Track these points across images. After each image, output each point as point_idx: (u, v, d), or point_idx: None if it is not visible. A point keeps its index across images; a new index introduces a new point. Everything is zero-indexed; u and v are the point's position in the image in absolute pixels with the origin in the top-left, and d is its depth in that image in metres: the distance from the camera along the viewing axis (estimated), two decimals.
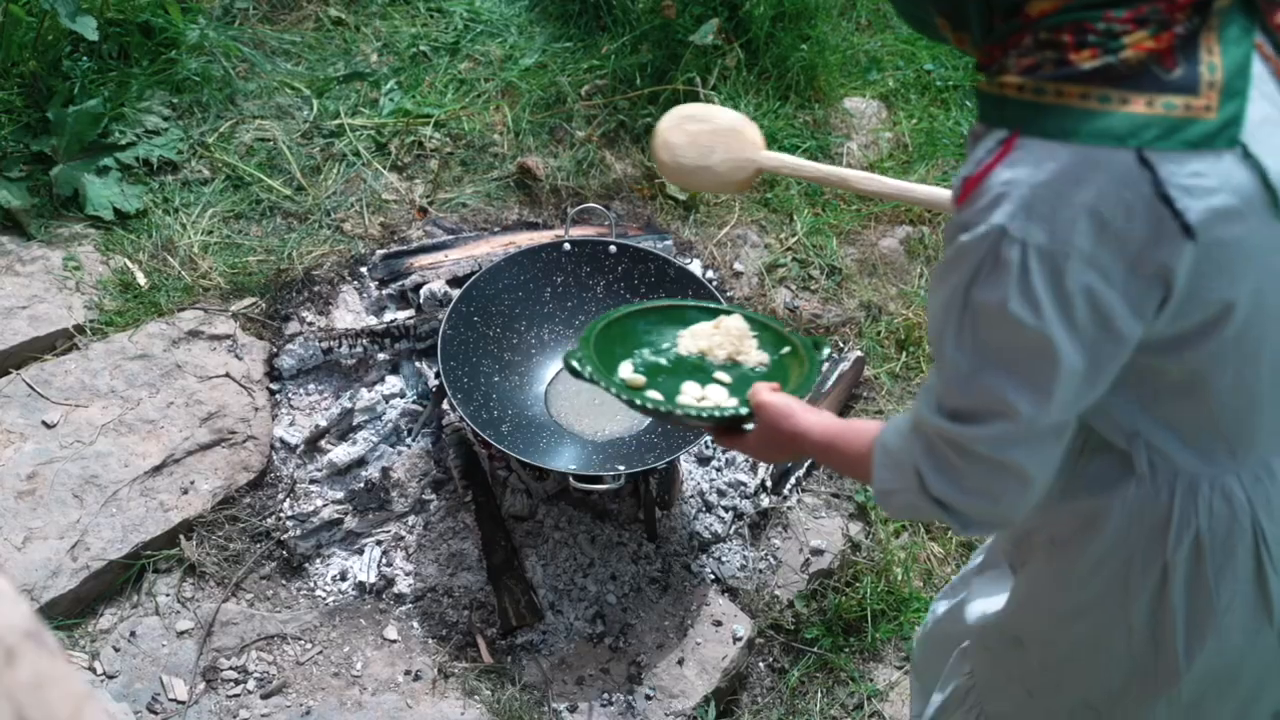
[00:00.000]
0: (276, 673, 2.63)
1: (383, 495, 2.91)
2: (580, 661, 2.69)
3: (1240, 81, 1.23)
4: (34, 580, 2.62)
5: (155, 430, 2.93)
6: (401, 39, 4.04)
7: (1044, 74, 1.25)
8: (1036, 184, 1.22)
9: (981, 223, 1.25)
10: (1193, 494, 1.45)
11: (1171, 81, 1.21)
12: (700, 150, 2.31)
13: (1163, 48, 1.21)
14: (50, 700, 0.73)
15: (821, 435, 1.71)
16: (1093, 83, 1.22)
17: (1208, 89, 1.21)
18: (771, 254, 3.58)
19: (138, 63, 3.71)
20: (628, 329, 2.21)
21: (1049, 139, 1.23)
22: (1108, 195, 1.20)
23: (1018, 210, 1.22)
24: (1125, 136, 1.20)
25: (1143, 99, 1.21)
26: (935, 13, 1.38)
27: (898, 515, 1.58)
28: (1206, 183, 1.21)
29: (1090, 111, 1.22)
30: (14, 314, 3.10)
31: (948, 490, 1.41)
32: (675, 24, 3.85)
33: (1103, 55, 1.21)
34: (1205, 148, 1.20)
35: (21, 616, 0.75)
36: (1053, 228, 1.21)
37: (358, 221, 3.50)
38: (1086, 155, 1.21)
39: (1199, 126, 1.21)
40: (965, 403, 1.36)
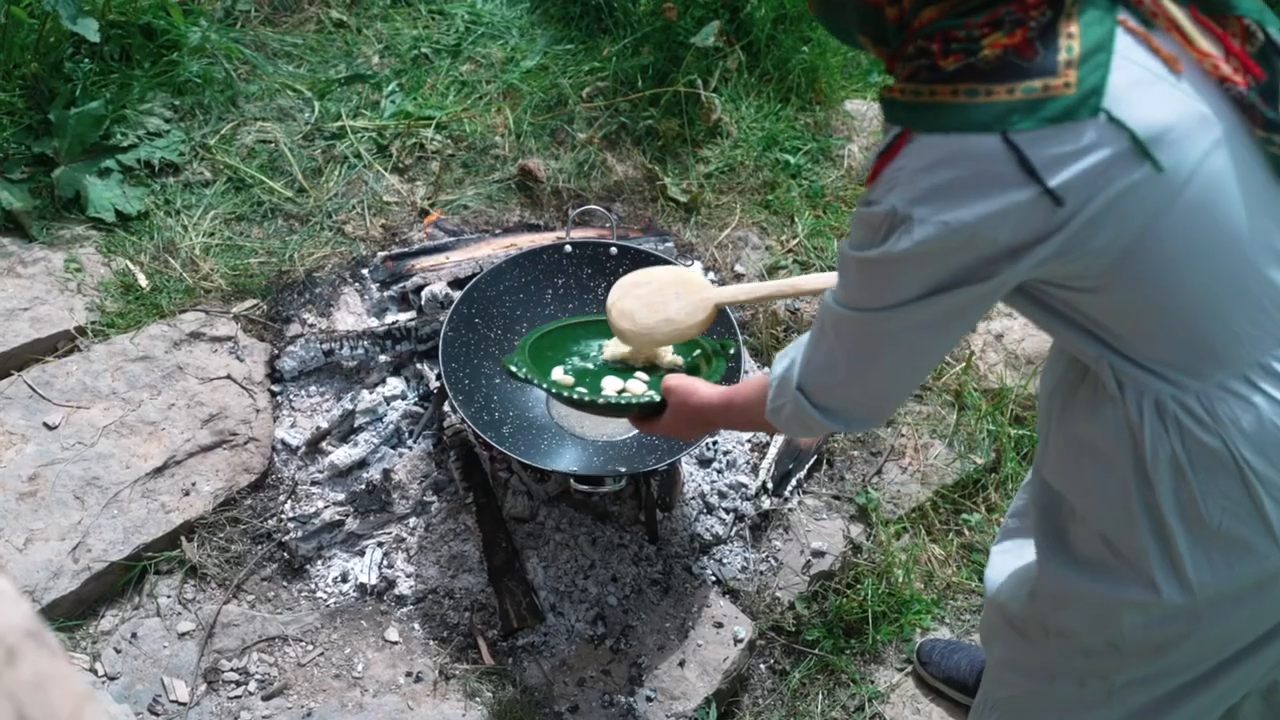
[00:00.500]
0: (278, 674, 2.63)
1: (384, 497, 2.91)
2: (581, 663, 2.69)
3: (1101, 55, 1.37)
4: (35, 581, 2.62)
5: (156, 432, 2.93)
6: (403, 41, 4.04)
7: (920, 79, 1.42)
8: (920, 170, 1.40)
9: (880, 202, 1.45)
10: (1159, 412, 1.55)
11: (1030, 68, 1.37)
12: (655, 308, 2.44)
13: (1017, 42, 1.37)
14: (51, 700, 0.73)
15: (719, 398, 2.04)
16: (959, 80, 1.39)
17: (1065, 68, 1.36)
18: (773, 256, 3.58)
19: (139, 65, 3.72)
20: (560, 340, 2.61)
21: (929, 133, 1.40)
22: (982, 175, 1.37)
23: (906, 193, 1.41)
24: (991, 123, 1.36)
25: (1004, 88, 1.37)
26: (859, 32, 1.56)
27: (788, 428, 1.79)
28: (1070, 149, 1.35)
29: (960, 105, 1.38)
30: (15, 315, 3.10)
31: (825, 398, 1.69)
32: (676, 26, 3.85)
33: (965, 58, 1.39)
34: (1068, 120, 1.35)
35: (23, 616, 0.75)
36: (935, 206, 1.40)
37: (359, 223, 3.50)
38: (960, 143, 1.38)
39: (1059, 103, 1.35)
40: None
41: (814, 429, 1.74)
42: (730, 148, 3.82)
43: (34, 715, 0.71)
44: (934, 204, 1.40)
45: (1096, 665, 1.81)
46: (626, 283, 2.49)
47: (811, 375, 1.69)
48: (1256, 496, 1.55)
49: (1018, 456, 3.14)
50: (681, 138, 3.81)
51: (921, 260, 1.44)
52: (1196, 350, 1.51)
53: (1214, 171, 1.41)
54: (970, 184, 1.38)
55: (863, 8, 1.51)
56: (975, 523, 3.04)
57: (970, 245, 1.41)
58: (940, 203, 1.39)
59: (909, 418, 3.22)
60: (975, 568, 2.98)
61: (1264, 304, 1.50)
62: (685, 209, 3.67)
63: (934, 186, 1.40)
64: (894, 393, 1.67)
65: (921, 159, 1.40)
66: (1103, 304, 1.50)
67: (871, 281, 1.52)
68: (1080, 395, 1.66)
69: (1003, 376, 3.33)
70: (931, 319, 1.51)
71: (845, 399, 1.68)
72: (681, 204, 3.67)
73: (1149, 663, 1.76)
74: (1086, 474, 1.68)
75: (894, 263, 1.45)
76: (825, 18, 1.62)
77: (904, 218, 1.42)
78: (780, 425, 1.79)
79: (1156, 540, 1.61)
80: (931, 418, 3.25)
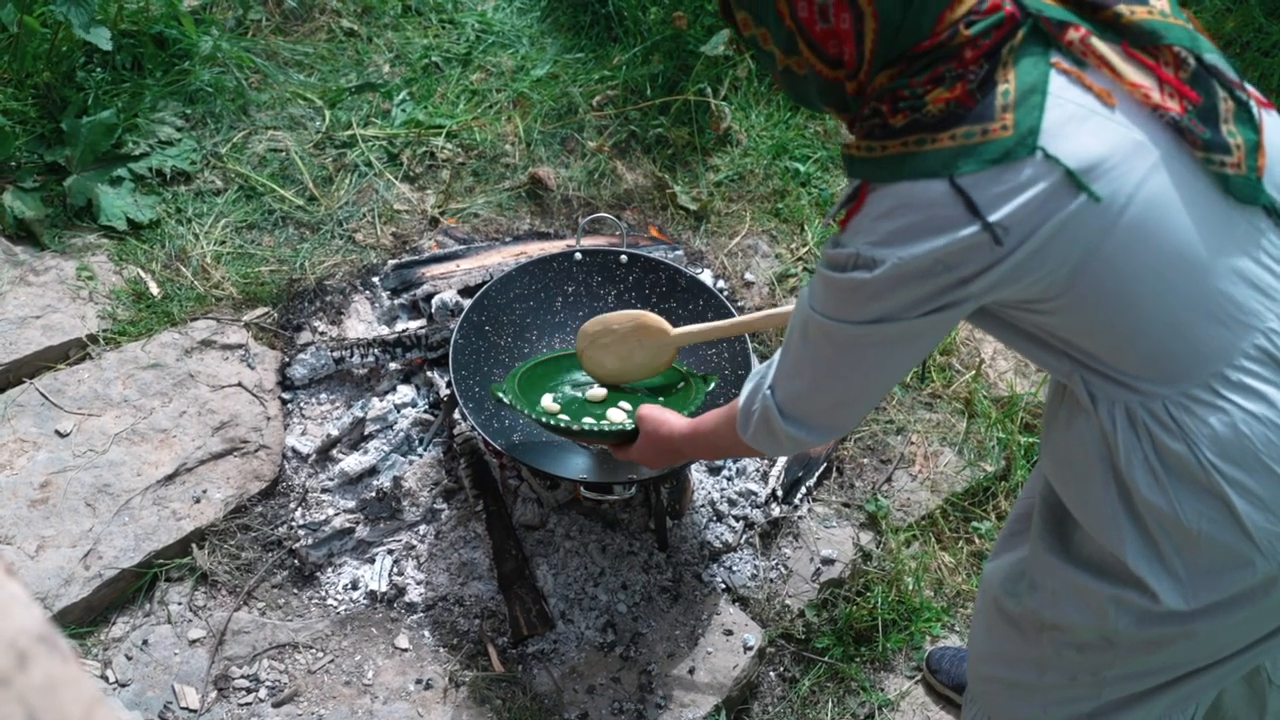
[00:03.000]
0: (288, 681, 2.64)
1: (394, 504, 2.91)
2: (591, 670, 2.69)
3: (1035, 97, 1.47)
4: (47, 588, 2.63)
5: (168, 439, 2.94)
6: (413, 50, 4.05)
7: (874, 136, 1.53)
8: (879, 216, 1.51)
9: (847, 245, 1.55)
10: (1130, 420, 1.61)
11: (970, 115, 1.47)
12: (622, 357, 2.76)
13: (958, 95, 1.47)
14: (62, 703, 0.73)
15: (686, 428, 2.20)
16: (910, 133, 1.50)
17: (1001, 112, 1.46)
18: (783, 264, 3.58)
19: (151, 74, 3.73)
20: (554, 368, 2.81)
21: (884, 183, 1.51)
22: (932, 218, 1.47)
23: (868, 237, 1.52)
24: (938, 169, 1.47)
25: (946, 135, 1.47)
26: (823, 104, 1.67)
27: (755, 439, 1.87)
28: (1008, 186, 1.45)
29: (910, 154, 1.49)
30: (28, 323, 3.11)
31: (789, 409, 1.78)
32: (686, 35, 3.85)
33: (911, 114, 1.50)
34: (1007, 160, 1.44)
35: (34, 620, 0.76)
36: (892, 249, 1.50)
37: (369, 231, 3.51)
38: (911, 189, 1.48)
39: (997, 145, 1.45)
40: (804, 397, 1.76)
41: (780, 440, 1.82)
42: (740, 156, 3.82)
43: (45, 718, 0.71)
44: (892, 247, 1.50)
45: (1089, 660, 1.84)
46: (589, 332, 2.77)
47: (782, 380, 1.78)
48: (1228, 501, 1.59)
49: (1027, 464, 3.13)
50: (691, 146, 3.81)
51: (881, 291, 1.54)
52: (1159, 362, 1.57)
53: (1153, 194, 1.49)
54: (922, 226, 1.48)
55: (822, 84, 1.61)
56: (985, 530, 3.04)
57: (925, 277, 1.51)
58: (897, 245, 1.49)
59: (919, 425, 3.22)
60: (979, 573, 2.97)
61: (1221, 316, 1.55)
62: (695, 217, 3.67)
63: (892, 231, 1.50)
64: (855, 405, 1.75)
65: (880, 206, 1.51)
66: (1063, 323, 1.58)
67: (838, 297, 1.60)
68: (1062, 407, 1.74)
69: (1012, 384, 3.32)
70: (892, 337, 1.60)
71: (810, 407, 1.76)
72: (691, 212, 3.67)
73: (1141, 659, 1.79)
74: (1072, 484, 1.74)
75: (857, 289, 1.55)
76: (791, 93, 1.71)
77: (867, 259, 1.52)
78: (749, 436, 1.87)
79: (1145, 547, 1.66)
80: (941, 425, 3.24)
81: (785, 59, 1.63)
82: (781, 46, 1.62)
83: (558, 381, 2.80)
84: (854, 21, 1.51)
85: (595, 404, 2.74)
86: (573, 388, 2.79)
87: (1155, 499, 1.62)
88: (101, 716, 0.75)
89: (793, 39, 1.59)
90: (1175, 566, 1.65)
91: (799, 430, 1.78)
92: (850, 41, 1.53)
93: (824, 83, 1.61)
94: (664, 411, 2.30)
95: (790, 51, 1.61)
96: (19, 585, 0.78)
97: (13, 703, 0.70)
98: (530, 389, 2.72)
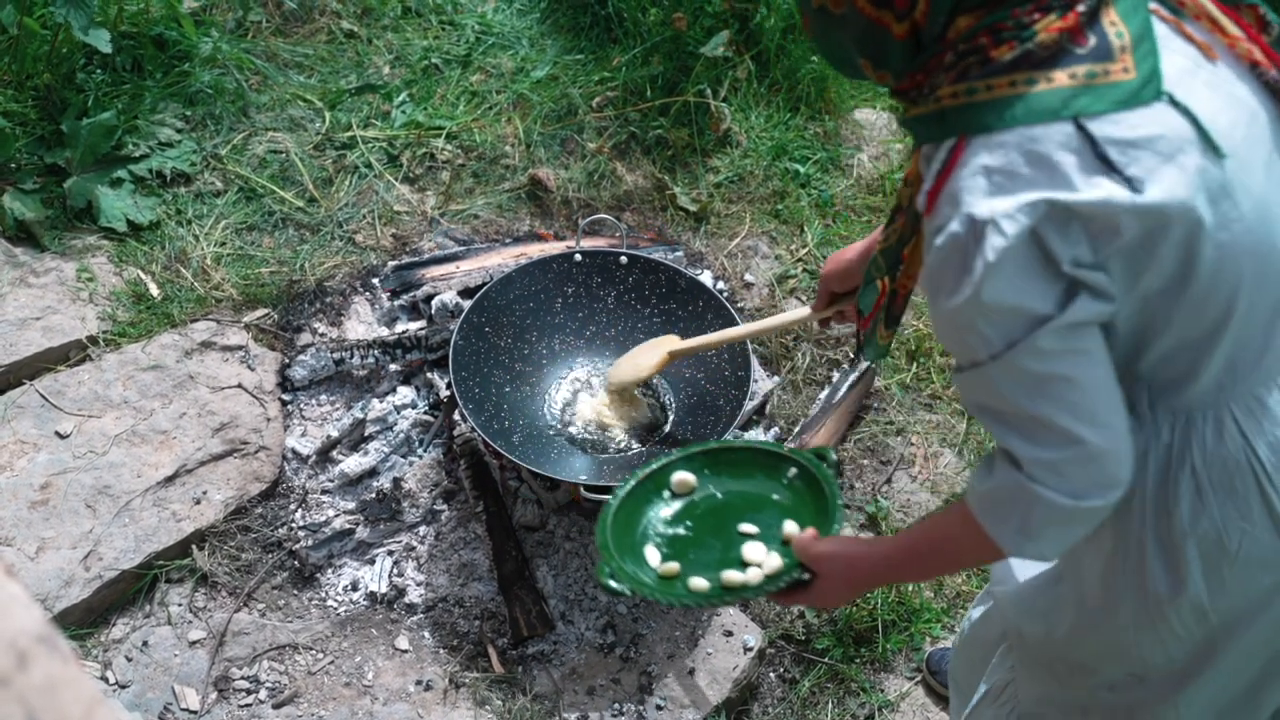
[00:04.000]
0: (288, 682, 2.64)
1: (394, 505, 2.91)
2: (591, 671, 2.69)
3: (1148, 43, 1.34)
4: (47, 590, 2.63)
5: (168, 440, 2.94)
6: (413, 51, 4.05)
7: (973, 76, 1.36)
8: (987, 169, 1.33)
9: (953, 219, 1.35)
10: (1188, 429, 1.51)
11: (1087, 53, 1.33)
12: (634, 358, 2.85)
13: (1071, 25, 1.33)
14: (62, 703, 0.73)
15: (898, 548, 1.72)
16: (1018, 70, 1.33)
17: (1120, 53, 1.33)
18: (782, 265, 3.58)
19: (151, 75, 3.73)
20: (630, 510, 2.11)
21: (992, 131, 1.34)
22: (1056, 164, 1.31)
23: (982, 197, 1.33)
24: (1059, 109, 1.31)
25: (1065, 73, 1.33)
26: (858, 55, 1.48)
27: (1012, 535, 1.50)
28: (1140, 134, 1.31)
29: (1020, 95, 1.33)
30: (28, 325, 3.11)
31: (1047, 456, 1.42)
32: (686, 36, 3.86)
33: (1019, 45, 1.33)
34: (1133, 104, 1.31)
35: (34, 621, 0.76)
36: (1016, 201, 1.31)
37: (369, 233, 3.51)
38: (1027, 134, 1.32)
39: (1123, 86, 1.32)
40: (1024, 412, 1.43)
41: (1040, 517, 1.46)
42: (740, 157, 3.83)
43: (45, 718, 0.71)
44: (1012, 195, 1.31)
45: (1123, 698, 1.75)
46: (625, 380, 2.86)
47: (1016, 443, 1.44)
48: (1274, 510, 1.51)
49: None
50: (691, 147, 3.81)
51: (1019, 260, 1.32)
52: (1233, 363, 1.47)
53: (1263, 160, 1.39)
54: (1046, 173, 1.30)
55: (864, 26, 1.43)
56: None
57: (1060, 235, 1.31)
58: (1019, 193, 1.31)
59: (919, 426, 3.22)
60: (984, 577, 2.97)
61: None
62: (695, 218, 3.67)
63: (1007, 177, 1.32)
64: (1103, 413, 1.42)
65: (988, 158, 1.33)
66: (1151, 318, 1.42)
67: (989, 316, 1.36)
68: None
69: None
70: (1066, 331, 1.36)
71: (1063, 451, 1.41)
72: (691, 213, 3.68)
73: (1177, 690, 1.70)
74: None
75: (996, 277, 1.33)
76: (822, 43, 1.55)
77: (983, 223, 1.32)
78: (1002, 531, 1.50)
79: (1167, 573, 1.58)
80: (941, 426, 3.24)
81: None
82: None
83: (642, 523, 2.09)
84: None
85: (710, 534, 2.05)
86: (665, 524, 2.09)
87: (1199, 518, 1.53)
88: (101, 717, 0.76)
89: None
90: (1198, 592, 1.57)
91: (1064, 488, 1.42)
92: None
93: (865, 24, 1.42)
94: (845, 542, 1.79)
95: None
96: (19, 586, 0.79)
97: (13, 703, 0.70)
98: (621, 548, 2.03)
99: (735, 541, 1.99)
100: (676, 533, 2.07)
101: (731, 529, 2.02)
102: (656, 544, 2.05)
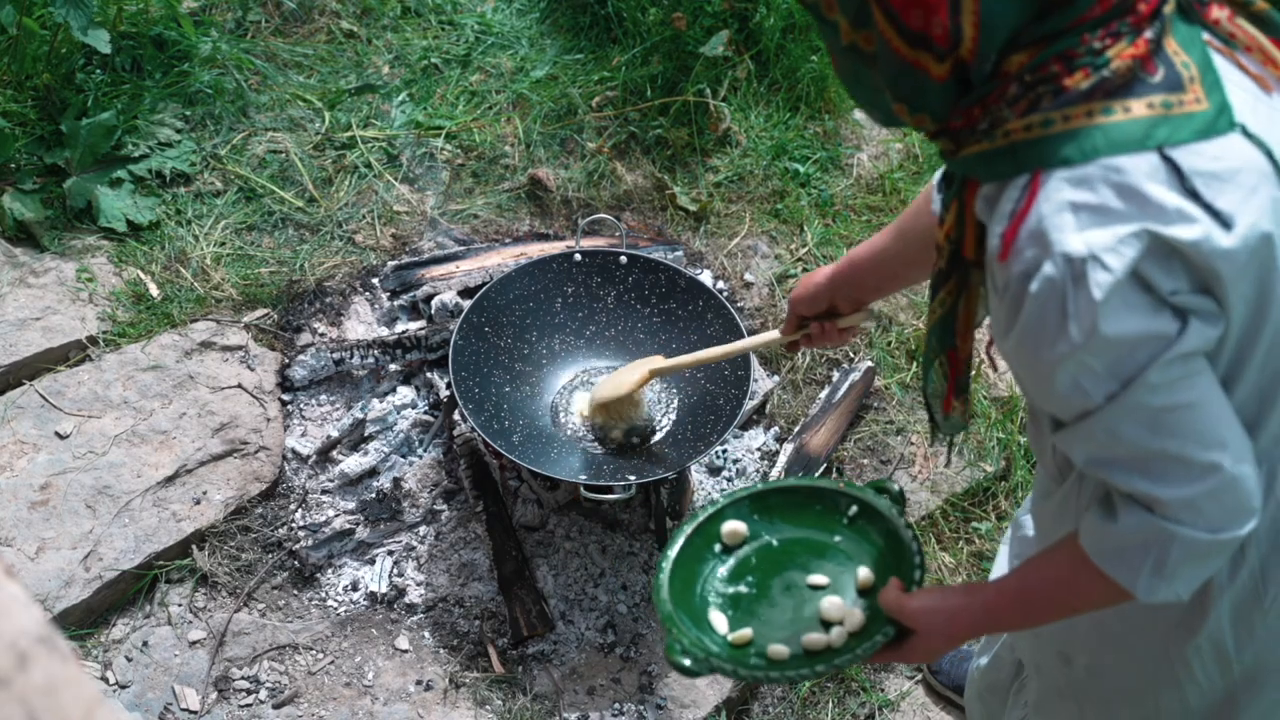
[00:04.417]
0: (288, 683, 2.64)
1: (394, 505, 2.91)
2: (591, 671, 2.69)
3: (1211, 74, 1.31)
4: (47, 590, 2.63)
5: (168, 441, 2.94)
6: (413, 51, 4.05)
7: (1046, 107, 1.29)
8: (1079, 203, 1.26)
9: (1044, 263, 1.27)
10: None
11: (1160, 83, 1.29)
12: (617, 376, 2.79)
13: (1142, 53, 1.28)
14: (62, 704, 0.73)
15: (1001, 599, 1.62)
16: (1094, 98, 1.28)
17: (1190, 83, 1.29)
18: (782, 264, 3.58)
19: (150, 75, 3.73)
20: (684, 571, 1.88)
21: (1073, 164, 1.27)
22: (1146, 197, 1.25)
23: (1073, 233, 1.26)
24: (1143, 139, 1.26)
25: (1141, 103, 1.28)
26: (892, 99, 1.39)
27: (1175, 575, 1.39)
28: (1229, 164, 1.27)
29: (1100, 125, 1.27)
30: (27, 325, 3.11)
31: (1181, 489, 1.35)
32: (686, 35, 3.85)
33: (1094, 72, 1.27)
34: (1211, 134, 1.27)
35: (34, 622, 0.76)
36: (1115, 234, 1.25)
37: (369, 233, 3.51)
38: (1112, 164, 1.26)
39: (1199, 117, 1.28)
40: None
41: (1177, 556, 1.38)
42: (739, 157, 3.82)
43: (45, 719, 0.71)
44: (1108, 227, 1.25)
45: None
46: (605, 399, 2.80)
47: (1152, 487, 1.36)
48: None
49: (1027, 465, 3.13)
50: (691, 147, 3.81)
51: (1125, 294, 1.26)
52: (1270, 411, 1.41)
53: None
54: (1138, 205, 1.25)
55: (898, 67, 1.34)
56: (985, 531, 3.04)
57: (1163, 268, 1.26)
58: (1114, 225, 1.25)
59: (919, 425, 3.22)
60: (985, 575, 2.97)
61: None
62: (695, 218, 3.67)
63: (1097, 211, 1.26)
64: (1229, 434, 1.35)
65: (1071, 192, 1.27)
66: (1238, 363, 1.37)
67: (1103, 356, 1.30)
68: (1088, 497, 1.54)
69: (1012, 384, 3.32)
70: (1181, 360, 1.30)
71: (1201, 484, 1.34)
72: (691, 213, 3.68)
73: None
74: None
75: (1107, 314, 1.26)
76: (851, 83, 1.46)
77: (1082, 259, 1.25)
78: (1134, 578, 1.41)
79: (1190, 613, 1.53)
80: None
81: (852, 33, 1.36)
82: (849, 16, 1.35)
83: (699, 581, 1.87)
84: None
85: (780, 592, 1.85)
86: (724, 582, 1.88)
87: (1238, 570, 1.49)
88: (101, 718, 0.75)
89: (865, 7, 1.32)
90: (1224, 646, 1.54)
91: (1201, 523, 1.36)
92: (943, 10, 1.26)
93: (900, 64, 1.33)
94: (941, 595, 1.65)
95: (860, 24, 1.34)
96: (19, 587, 0.79)
97: (13, 704, 0.70)
98: (685, 616, 1.80)
99: (806, 596, 1.81)
100: (739, 591, 1.85)
101: (798, 581, 1.84)
102: (719, 605, 1.84)
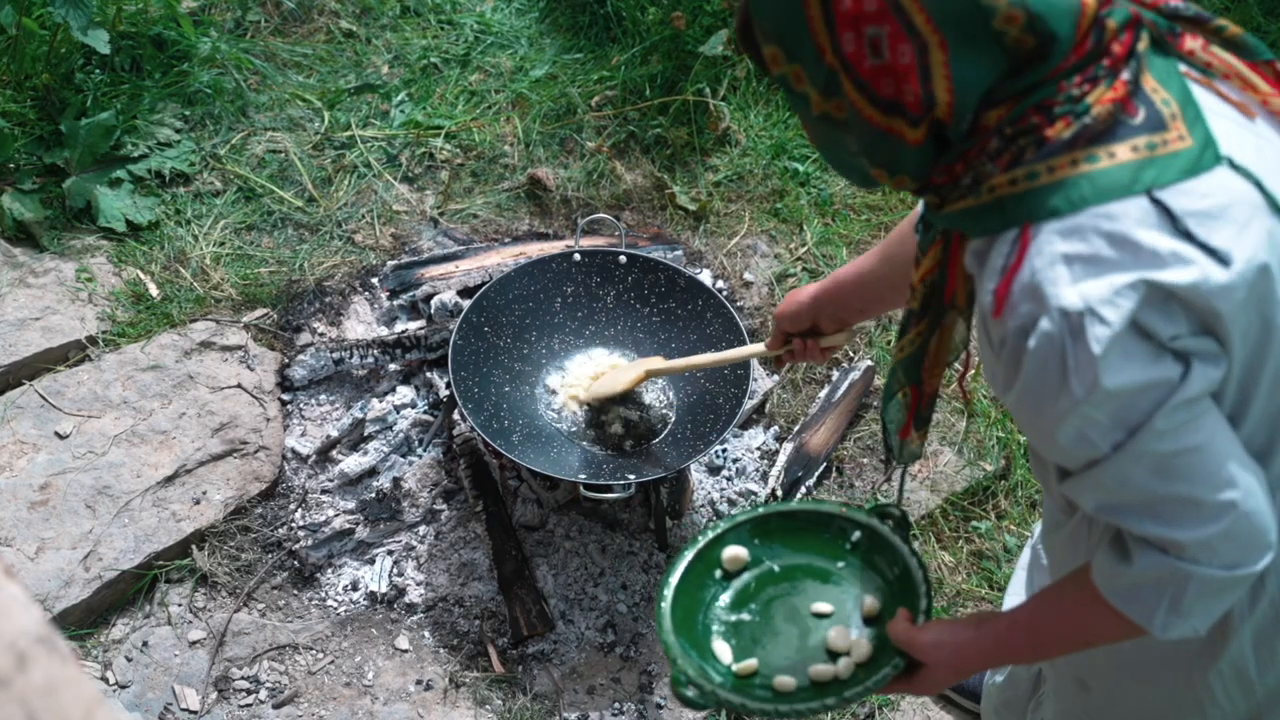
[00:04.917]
0: (288, 682, 2.64)
1: (394, 505, 2.91)
2: (591, 671, 2.69)
3: (1192, 107, 1.29)
4: (47, 590, 2.63)
5: (167, 441, 2.94)
6: (412, 51, 4.05)
7: (1029, 159, 1.27)
8: (1071, 255, 1.25)
9: (1040, 319, 1.26)
10: None
11: (1142, 124, 1.27)
12: (615, 373, 2.91)
13: (1122, 95, 1.26)
14: (62, 704, 0.73)
15: (1012, 633, 1.59)
16: (1077, 147, 1.26)
17: (1172, 120, 1.27)
18: (781, 264, 3.58)
19: (150, 75, 3.73)
20: (686, 599, 1.84)
21: (1062, 215, 1.26)
22: (1140, 243, 1.23)
23: (1067, 286, 1.24)
24: (1130, 184, 1.24)
25: (1125, 146, 1.26)
26: (870, 165, 1.38)
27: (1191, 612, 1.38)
28: (1219, 200, 1.25)
29: (1085, 174, 1.26)
30: (27, 325, 3.11)
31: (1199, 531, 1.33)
32: (685, 35, 3.85)
33: (1075, 120, 1.26)
34: (1198, 171, 1.25)
35: (34, 622, 0.76)
36: (1110, 284, 1.23)
37: (369, 232, 3.51)
38: (1102, 212, 1.24)
39: (1184, 155, 1.26)
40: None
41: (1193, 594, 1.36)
42: (739, 156, 3.82)
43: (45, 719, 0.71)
44: (1102, 278, 1.23)
45: None
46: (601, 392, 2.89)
47: (1166, 530, 1.34)
48: None
49: (1027, 464, 3.13)
50: (690, 146, 3.81)
51: (1124, 345, 1.25)
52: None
53: None
54: (1131, 253, 1.23)
55: (872, 135, 1.33)
56: (985, 530, 3.04)
57: (1162, 315, 1.25)
58: (1108, 275, 1.23)
59: None
60: (985, 575, 2.97)
61: None
62: (694, 217, 3.67)
63: (1090, 262, 1.24)
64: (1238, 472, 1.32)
65: (1063, 244, 1.25)
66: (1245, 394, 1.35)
67: (1106, 406, 1.28)
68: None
69: None
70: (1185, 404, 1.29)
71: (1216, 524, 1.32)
72: (690, 212, 3.67)
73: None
74: None
75: (1108, 366, 1.24)
76: (825, 149, 1.45)
77: (1079, 313, 1.23)
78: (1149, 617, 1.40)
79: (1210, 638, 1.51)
80: (941, 425, 3.24)
81: (823, 102, 1.35)
82: (819, 87, 1.34)
83: (700, 610, 1.83)
84: (916, 55, 1.25)
85: (783, 619, 1.82)
86: (726, 610, 1.84)
87: (1258, 598, 1.48)
88: (101, 718, 0.75)
89: (834, 78, 1.31)
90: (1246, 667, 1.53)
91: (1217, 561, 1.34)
92: (913, 77, 1.26)
93: (874, 132, 1.32)
94: (951, 628, 1.63)
95: (830, 93, 1.33)
96: (19, 587, 0.79)
97: (13, 704, 0.70)
98: (688, 647, 1.76)
99: (811, 625, 1.79)
100: (741, 619, 1.82)
101: (802, 609, 1.81)
102: (722, 634, 1.81)
